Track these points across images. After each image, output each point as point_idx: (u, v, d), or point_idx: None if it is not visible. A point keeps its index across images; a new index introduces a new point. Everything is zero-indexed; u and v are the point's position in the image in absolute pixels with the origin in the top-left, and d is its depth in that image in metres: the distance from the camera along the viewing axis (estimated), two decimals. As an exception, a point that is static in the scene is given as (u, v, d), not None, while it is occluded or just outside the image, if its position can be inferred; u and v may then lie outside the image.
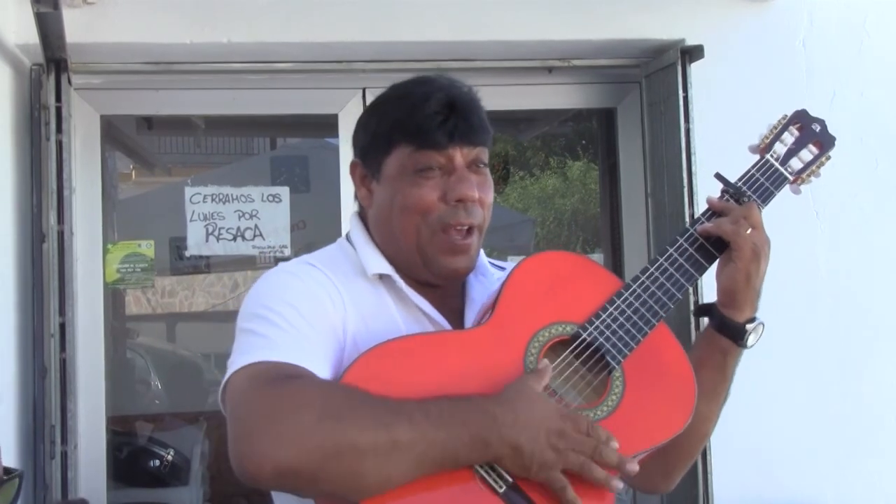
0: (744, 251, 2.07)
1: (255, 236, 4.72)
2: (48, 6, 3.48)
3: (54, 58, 4.09)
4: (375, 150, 2.09)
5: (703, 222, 2.13)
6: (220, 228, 4.70)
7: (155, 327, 9.72)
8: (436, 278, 2.09)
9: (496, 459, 1.80)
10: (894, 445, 4.53)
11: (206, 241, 4.70)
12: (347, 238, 2.18)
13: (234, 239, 4.71)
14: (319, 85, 4.68)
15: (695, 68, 4.38)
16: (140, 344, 8.44)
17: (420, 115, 2.03)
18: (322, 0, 4.34)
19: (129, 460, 5.61)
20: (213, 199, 4.72)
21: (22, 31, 4.08)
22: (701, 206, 4.29)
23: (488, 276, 2.20)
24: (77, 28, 4.02)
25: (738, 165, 4.47)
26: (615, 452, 1.83)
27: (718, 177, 2.25)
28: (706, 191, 4.23)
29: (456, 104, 2.05)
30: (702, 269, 2.12)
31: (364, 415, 1.73)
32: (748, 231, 2.08)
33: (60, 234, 4.12)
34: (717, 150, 4.40)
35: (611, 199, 5.07)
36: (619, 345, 2.00)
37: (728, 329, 2.15)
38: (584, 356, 1.99)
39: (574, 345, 1.98)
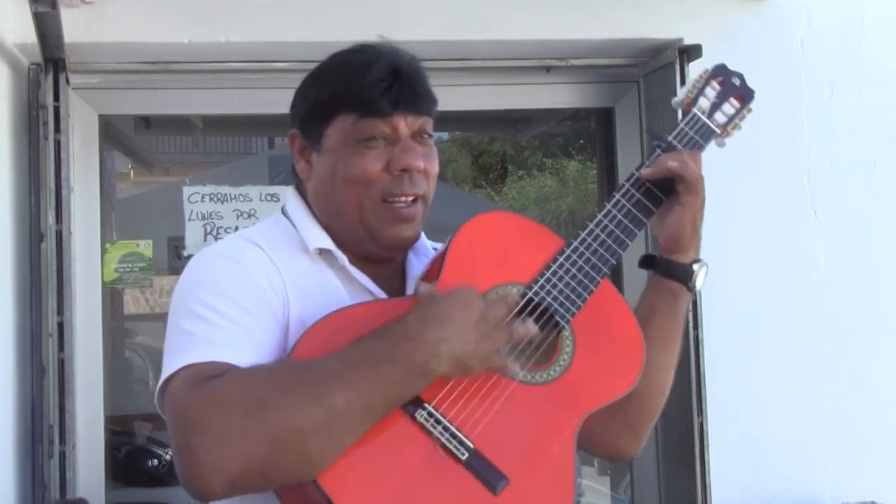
0: (697, 188, 2.08)
1: (253, 236, 4.72)
2: (46, 6, 3.47)
3: (52, 57, 4.08)
4: (315, 119, 2.02)
5: (647, 165, 2.12)
6: (218, 228, 4.70)
7: (153, 327, 9.68)
8: (380, 250, 2.03)
9: (442, 375, 1.76)
10: (893, 443, 4.53)
11: (205, 240, 4.69)
12: (283, 212, 2.11)
13: (233, 238, 4.70)
14: (318, 84, 4.66)
15: (693, 68, 4.38)
16: (138, 343, 8.43)
17: (363, 82, 1.96)
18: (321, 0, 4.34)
19: (127, 460, 5.62)
20: (211, 199, 4.72)
21: (20, 31, 4.08)
22: (699, 206, 4.30)
23: (429, 255, 2.12)
24: (75, 28, 4.01)
25: (735, 164, 4.50)
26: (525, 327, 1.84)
27: (651, 132, 2.28)
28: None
29: (400, 71, 1.98)
30: (649, 214, 2.11)
31: (293, 394, 1.66)
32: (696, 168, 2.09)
33: (59, 234, 4.10)
34: (715, 150, 4.42)
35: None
36: (567, 303, 1.97)
37: (676, 272, 2.14)
38: (532, 317, 1.92)
39: (519, 306, 1.91)
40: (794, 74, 4.61)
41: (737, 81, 2.38)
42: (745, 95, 2.37)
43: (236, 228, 4.69)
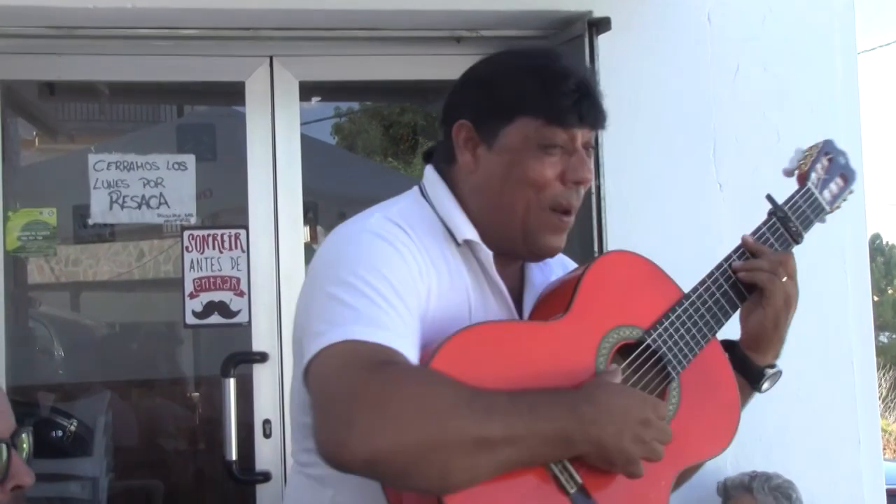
0: (776, 299, 2.12)
1: (160, 204, 4.67)
2: (-55, -33, 3.40)
3: (-48, 20, 4.00)
4: (495, 116, 2.05)
5: (734, 260, 2.19)
6: (124, 196, 4.64)
7: (58, 296, 9.53)
8: (528, 254, 2.09)
9: (580, 456, 1.81)
10: (789, 417, 4.60)
11: (111, 209, 4.64)
12: (423, 193, 2.14)
13: (139, 207, 4.65)
14: (226, 52, 4.63)
15: (602, 40, 4.40)
16: (43, 313, 8.30)
17: (557, 91, 2.00)
18: (229, -35, 4.29)
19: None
20: (117, 167, 4.65)
21: (-82, -7, 3.98)
22: (607, 178, 4.34)
23: (547, 262, 2.20)
24: (-24, -10, 3.93)
25: (644, 138, 4.54)
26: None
27: (769, 198, 2.31)
28: (612, 162, 4.31)
29: (589, 86, 2.05)
30: (735, 307, 2.16)
31: (461, 412, 1.71)
32: (784, 279, 2.13)
33: (-41, 202, 4.04)
34: (623, 122, 4.45)
35: (518, 170, 5.08)
36: (679, 355, 2.03)
37: (747, 371, 2.19)
38: (642, 362, 2.01)
39: (638, 350, 2.00)
40: (700, 48, 4.65)
41: (843, 160, 2.39)
42: (849, 176, 2.38)
43: (143, 197, 4.65)
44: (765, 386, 2.20)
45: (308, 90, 4.95)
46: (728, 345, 2.22)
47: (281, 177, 4.56)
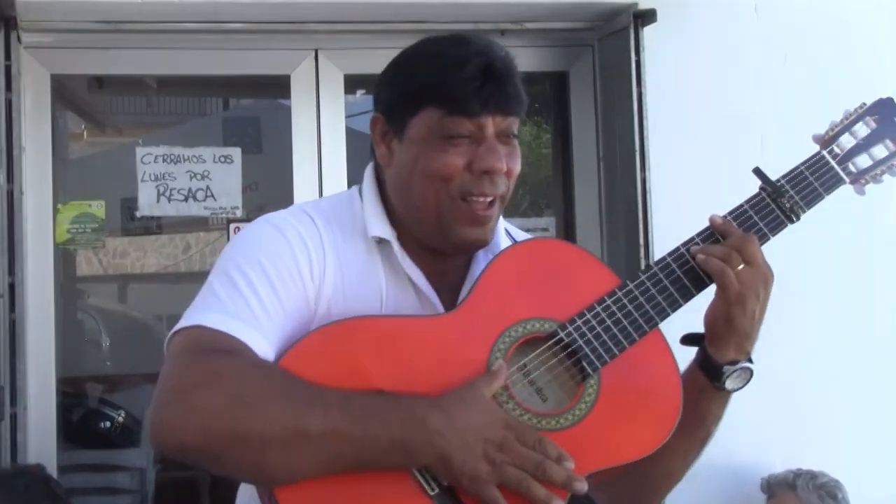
0: (727, 291, 1.93)
1: (206, 197, 4.70)
2: (-3, -37, 3.44)
3: (3, 15, 4.05)
4: (401, 108, 1.97)
5: (697, 242, 2.00)
6: (171, 189, 4.67)
7: (106, 288, 9.63)
8: (450, 247, 1.99)
9: (423, 467, 1.72)
10: (839, 407, 4.57)
11: (158, 201, 4.67)
12: (359, 191, 2.07)
13: (186, 200, 4.68)
14: (272, 45, 4.66)
15: (647, 32, 4.39)
16: (91, 305, 8.38)
17: (454, 79, 1.90)
18: (274, -40, 4.31)
19: (79, 422, 5.58)
20: (164, 160, 4.69)
21: (-30, -12, 4.03)
22: (653, 171, 4.33)
23: (496, 252, 2.03)
24: (27, -15, 3.97)
25: (690, 130, 4.51)
26: (564, 471, 1.72)
27: (757, 172, 2.09)
28: (658, 155, 4.31)
29: (493, 70, 1.92)
30: (688, 295, 1.97)
31: (277, 403, 1.68)
32: (739, 267, 1.93)
33: (10, 194, 4.08)
34: (668, 115, 4.44)
35: (563, 163, 5.08)
36: (600, 350, 1.89)
37: (706, 367, 2.00)
38: (560, 357, 1.88)
39: (548, 345, 1.88)
40: (747, 39, 4.62)
41: None
42: None
43: (189, 190, 4.68)
44: (728, 384, 1.98)
45: (353, 83, 4.97)
46: (693, 338, 2.04)
47: (326, 169, 4.60)
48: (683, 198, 4.28)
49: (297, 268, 1.89)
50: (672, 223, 4.31)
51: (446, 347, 1.85)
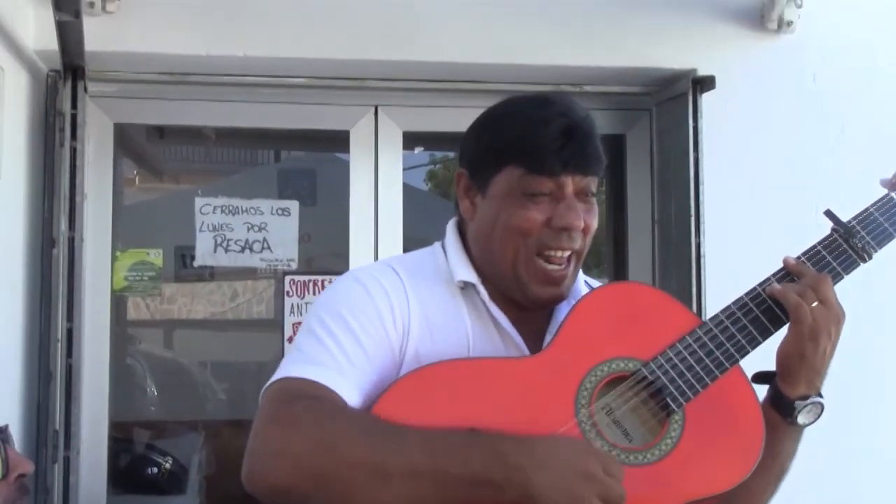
0: (801, 326, 1.97)
1: (263, 249, 4.74)
2: (69, 15, 3.49)
3: (72, 65, 4.11)
4: (485, 165, 2.04)
5: (772, 283, 2.05)
6: (228, 240, 4.72)
7: (153, 333, 9.69)
8: (528, 303, 2.03)
9: (514, 503, 1.72)
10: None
11: (215, 251, 4.73)
12: (442, 245, 2.14)
13: (243, 251, 4.73)
14: (332, 101, 4.71)
15: (706, 98, 4.41)
16: (138, 350, 8.42)
17: (537, 139, 1.97)
18: (338, 17, 4.36)
19: (127, 467, 5.61)
20: (222, 211, 4.75)
21: (41, 37, 4.10)
22: (708, 235, 4.33)
23: (577, 297, 2.09)
24: (95, 36, 4.02)
25: (746, 196, 4.50)
26: None
27: (828, 214, 2.12)
28: (713, 220, 4.31)
29: (574, 131, 1.98)
30: (766, 333, 2.01)
31: (360, 444, 1.73)
32: (813, 304, 1.97)
33: (71, 241, 4.13)
34: (726, 180, 4.45)
35: (616, 226, 5.09)
36: (684, 387, 1.92)
37: (778, 403, 2.04)
38: (645, 395, 1.92)
39: (632, 381, 1.92)
40: (805, 108, 4.62)
41: None
42: None
43: (246, 241, 4.73)
44: (800, 419, 2.01)
45: (411, 139, 5.01)
46: (765, 376, 2.08)
47: (382, 223, 4.63)
48: (738, 266, 4.25)
49: (379, 318, 1.95)
50: (725, 289, 4.28)
51: (535, 388, 1.89)
